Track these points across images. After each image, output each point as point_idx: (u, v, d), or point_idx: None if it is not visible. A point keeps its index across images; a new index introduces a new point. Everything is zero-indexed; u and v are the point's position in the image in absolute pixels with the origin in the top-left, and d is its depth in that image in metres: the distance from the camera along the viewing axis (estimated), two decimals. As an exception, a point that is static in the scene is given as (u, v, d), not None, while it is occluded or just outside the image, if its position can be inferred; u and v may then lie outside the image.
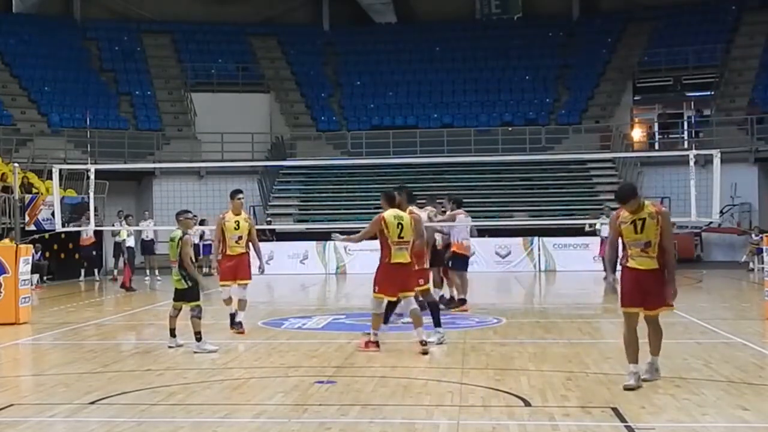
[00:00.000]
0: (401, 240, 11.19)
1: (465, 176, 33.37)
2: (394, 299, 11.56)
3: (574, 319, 15.04)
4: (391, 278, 11.21)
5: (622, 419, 7.48)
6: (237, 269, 13.02)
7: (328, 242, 27.89)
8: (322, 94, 39.70)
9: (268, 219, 31.92)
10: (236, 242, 12.99)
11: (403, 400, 8.54)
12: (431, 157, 31.90)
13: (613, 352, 10.41)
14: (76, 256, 26.90)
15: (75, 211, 26.38)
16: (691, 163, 15.69)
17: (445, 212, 16.62)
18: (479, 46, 40.67)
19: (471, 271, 17.20)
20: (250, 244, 13.20)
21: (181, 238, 11.50)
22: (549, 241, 28.30)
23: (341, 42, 41.94)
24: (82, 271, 26.55)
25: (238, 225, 13.01)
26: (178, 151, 35.05)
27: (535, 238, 28.27)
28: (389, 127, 36.78)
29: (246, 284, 13.20)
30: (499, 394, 8.61)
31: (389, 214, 11.24)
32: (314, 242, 28.56)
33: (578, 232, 28.01)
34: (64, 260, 26.92)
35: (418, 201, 16.89)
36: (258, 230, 14.44)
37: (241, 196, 13.20)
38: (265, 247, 27.76)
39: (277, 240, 29.67)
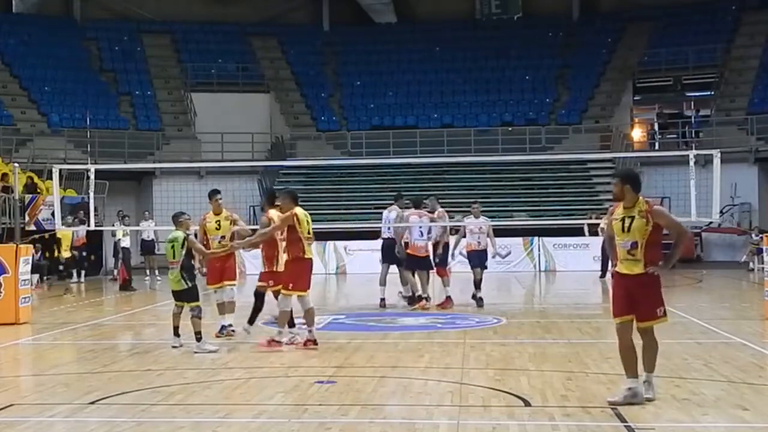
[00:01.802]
0: (309, 236, 11.76)
1: (465, 176, 33.36)
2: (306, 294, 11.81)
3: (574, 319, 15.04)
4: (308, 273, 11.83)
5: (622, 419, 7.47)
6: (223, 270, 13.01)
7: (328, 242, 27.88)
8: (322, 94, 39.68)
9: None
10: (219, 243, 12.97)
11: (403, 400, 8.54)
12: (431, 157, 31.90)
13: (613, 352, 10.32)
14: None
15: (75, 211, 26.33)
16: (691, 163, 15.70)
17: (432, 212, 16.79)
18: (479, 46, 40.64)
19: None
20: (243, 234, 13.13)
21: (186, 239, 11.53)
22: (549, 241, 28.29)
23: (341, 42, 41.92)
24: (83, 273, 26.48)
25: (219, 225, 13.01)
26: (178, 151, 35.05)
27: (535, 238, 28.25)
28: (389, 127, 36.76)
29: (233, 285, 13.18)
30: (499, 394, 8.61)
31: (300, 211, 11.72)
32: (314, 243, 28.47)
33: (578, 231, 27.97)
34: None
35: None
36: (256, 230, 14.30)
37: (219, 196, 13.19)
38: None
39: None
